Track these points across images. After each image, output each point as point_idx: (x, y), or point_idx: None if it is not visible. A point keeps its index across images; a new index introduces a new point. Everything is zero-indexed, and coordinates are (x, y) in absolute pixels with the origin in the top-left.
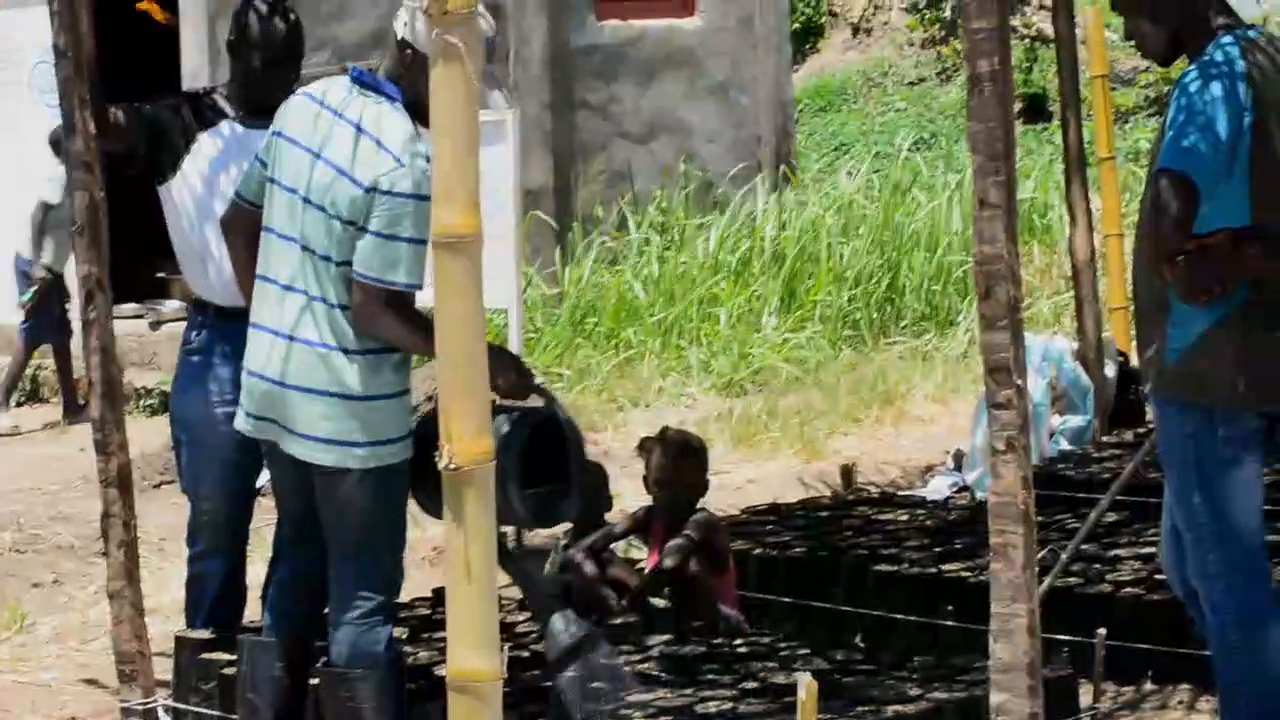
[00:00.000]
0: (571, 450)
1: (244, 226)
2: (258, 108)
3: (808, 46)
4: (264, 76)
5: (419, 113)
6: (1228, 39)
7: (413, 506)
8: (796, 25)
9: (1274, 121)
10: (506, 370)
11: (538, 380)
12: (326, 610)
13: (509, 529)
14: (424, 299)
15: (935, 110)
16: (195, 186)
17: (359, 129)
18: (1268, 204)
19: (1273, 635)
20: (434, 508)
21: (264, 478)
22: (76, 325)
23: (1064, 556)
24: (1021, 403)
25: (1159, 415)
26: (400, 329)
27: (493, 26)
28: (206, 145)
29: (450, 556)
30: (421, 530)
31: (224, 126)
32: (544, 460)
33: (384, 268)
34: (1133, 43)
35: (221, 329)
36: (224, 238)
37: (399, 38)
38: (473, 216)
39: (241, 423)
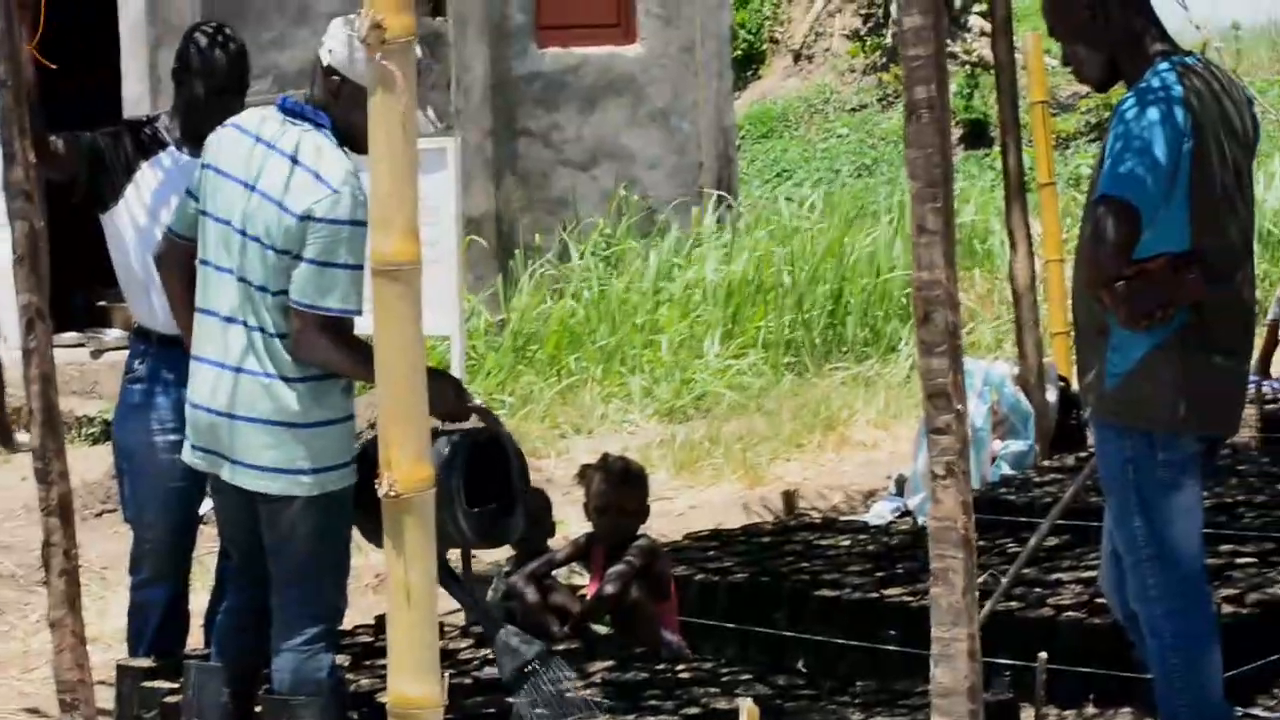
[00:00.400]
0: (514, 468)
1: (178, 260)
2: (200, 137)
3: (749, 73)
4: (208, 105)
5: (349, 139)
6: (1165, 65)
7: (355, 533)
8: (738, 52)
9: (1212, 147)
10: (445, 393)
11: (477, 402)
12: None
13: (455, 554)
14: (365, 325)
15: (877, 136)
16: (137, 215)
17: (292, 159)
18: (1207, 229)
19: (1212, 659)
20: (376, 535)
21: (206, 505)
22: (10, 355)
23: (1005, 581)
24: (961, 428)
25: (1099, 439)
26: (338, 355)
27: (422, 51)
28: (148, 175)
29: (391, 584)
30: (365, 557)
31: (164, 156)
32: (486, 481)
33: (320, 294)
34: (1070, 67)
35: (165, 357)
36: (158, 272)
37: (325, 65)
38: (411, 244)
39: (187, 455)
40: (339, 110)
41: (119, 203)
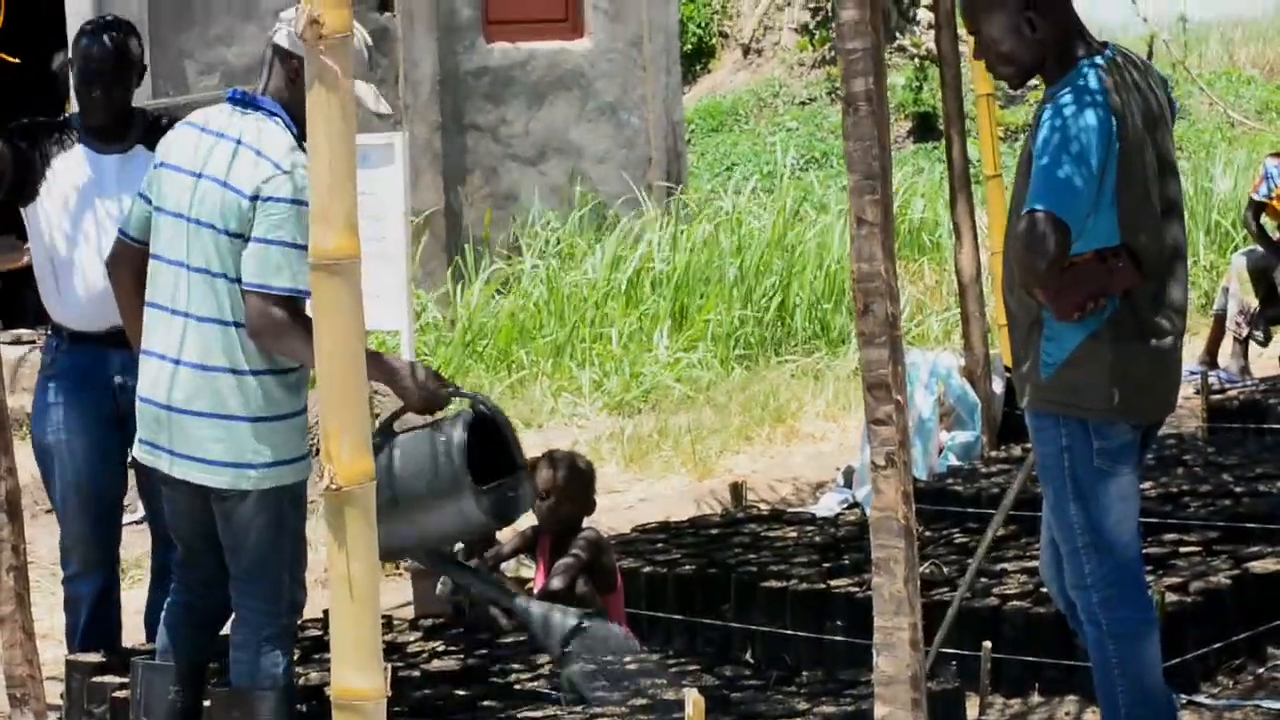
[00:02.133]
0: (510, 439)
1: (129, 263)
2: (93, 129)
3: (699, 67)
4: (89, 97)
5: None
6: (1100, 60)
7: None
8: (687, 47)
9: (1134, 144)
10: (424, 381)
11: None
12: (224, 632)
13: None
14: None
15: (826, 129)
16: (47, 210)
17: (238, 143)
18: (1134, 225)
19: (1150, 645)
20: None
21: (140, 513)
22: None
23: (967, 576)
24: (901, 418)
25: (1035, 429)
26: (293, 336)
27: (365, 38)
28: (59, 169)
29: (333, 577)
30: (315, 551)
31: (77, 149)
32: (476, 462)
33: (269, 273)
34: (985, 62)
35: (75, 353)
36: (109, 276)
37: (283, 48)
38: (351, 239)
39: (137, 449)
40: (295, 94)
41: (35, 200)
